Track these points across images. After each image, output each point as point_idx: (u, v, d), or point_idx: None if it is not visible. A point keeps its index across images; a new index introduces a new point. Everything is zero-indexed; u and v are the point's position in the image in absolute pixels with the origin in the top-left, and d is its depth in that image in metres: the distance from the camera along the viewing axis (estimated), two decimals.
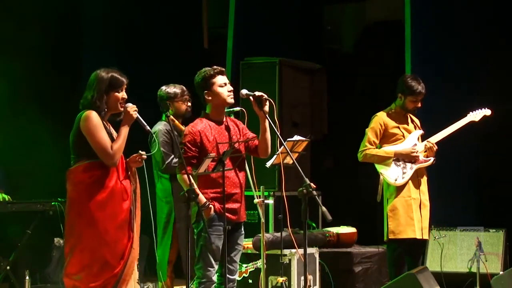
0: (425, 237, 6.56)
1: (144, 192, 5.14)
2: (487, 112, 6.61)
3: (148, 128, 5.05)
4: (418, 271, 6.17)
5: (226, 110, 5.55)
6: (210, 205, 5.18)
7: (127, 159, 5.05)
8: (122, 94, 4.99)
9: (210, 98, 5.34)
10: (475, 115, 6.58)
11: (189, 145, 5.26)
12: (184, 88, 6.59)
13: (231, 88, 5.36)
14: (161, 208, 6.55)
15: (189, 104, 6.62)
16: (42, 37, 8.30)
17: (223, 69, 5.41)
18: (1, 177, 7.51)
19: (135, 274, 5.02)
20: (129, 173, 5.04)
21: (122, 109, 5.00)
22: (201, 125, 5.31)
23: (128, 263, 4.92)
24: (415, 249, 6.63)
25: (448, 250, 7.56)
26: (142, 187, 5.13)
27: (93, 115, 4.88)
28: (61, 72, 8.48)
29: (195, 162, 5.23)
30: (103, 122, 4.94)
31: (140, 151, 5.04)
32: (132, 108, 4.99)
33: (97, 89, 4.94)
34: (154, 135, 5.56)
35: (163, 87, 6.56)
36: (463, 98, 7.83)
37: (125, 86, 5.00)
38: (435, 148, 6.51)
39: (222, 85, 5.33)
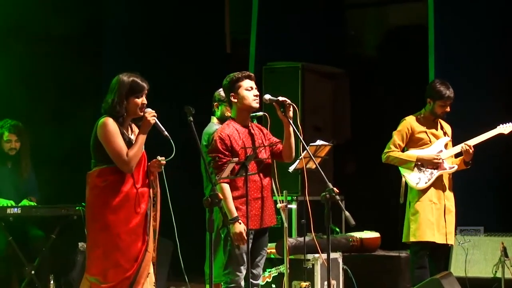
0: (450, 242, 6.54)
1: (164, 197, 5.10)
2: None
3: (167, 133, 4.98)
4: (443, 276, 6.14)
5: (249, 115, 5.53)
6: (240, 222, 5.11)
7: (149, 163, 5.05)
8: (142, 100, 4.96)
9: (235, 101, 5.33)
10: (505, 128, 6.53)
11: (223, 151, 5.23)
12: None
13: (257, 93, 5.34)
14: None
15: None
16: (63, 42, 8.35)
17: (252, 74, 5.39)
18: (34, 185, 7.52)
19: (151, 277, 5.02)
20: (151, 177, 5.04)
21: (141, 114, 4.97)
22: (228, 129, 5.30)
23: (142, 266, 4.93)
24: (439, 254, 6.61)
25: (472, 255, 7.51)
26: (162, 192, 5.09)
27: (109, 122, 4.89)
28: (82, 77, 8.51)
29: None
30: (121, 128, 4.94)
31: (158, 157, 5.03)
32: (150, 113, 4.96)
33: (118, 93, 4.94)
34: (172, 141, 5.51)
35: (220, 89, 6.13)
36: (487, 103, 7.78)
37: (146, 92, 4.99)
38: (472, 150, 6.45)
39: (248, 89, 5.31)
